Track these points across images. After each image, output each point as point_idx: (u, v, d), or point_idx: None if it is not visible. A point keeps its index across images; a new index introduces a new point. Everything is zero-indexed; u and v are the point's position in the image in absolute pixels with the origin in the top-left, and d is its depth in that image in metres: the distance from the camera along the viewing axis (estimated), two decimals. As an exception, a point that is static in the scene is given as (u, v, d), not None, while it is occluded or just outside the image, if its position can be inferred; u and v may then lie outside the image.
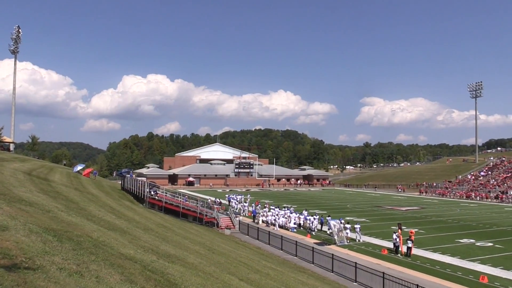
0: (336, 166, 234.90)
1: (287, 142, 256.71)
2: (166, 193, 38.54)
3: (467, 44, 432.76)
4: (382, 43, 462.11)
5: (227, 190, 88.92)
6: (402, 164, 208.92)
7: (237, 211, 47.52)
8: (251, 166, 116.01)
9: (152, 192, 36.24)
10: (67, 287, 5.01)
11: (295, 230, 35.83)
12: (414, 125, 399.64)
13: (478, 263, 24.11)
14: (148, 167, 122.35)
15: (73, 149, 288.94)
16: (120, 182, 47.03)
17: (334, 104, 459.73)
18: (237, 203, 51.87)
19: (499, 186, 78.89)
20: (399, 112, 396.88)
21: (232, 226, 36.72)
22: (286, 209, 42.35)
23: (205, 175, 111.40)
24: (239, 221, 38.24)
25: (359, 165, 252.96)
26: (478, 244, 30.18)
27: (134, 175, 48.53)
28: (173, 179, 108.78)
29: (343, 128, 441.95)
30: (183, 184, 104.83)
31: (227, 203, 52.54)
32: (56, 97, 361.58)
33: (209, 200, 47.19)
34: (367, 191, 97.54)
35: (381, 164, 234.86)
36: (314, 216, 36.72)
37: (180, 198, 38.34)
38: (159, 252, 11.44)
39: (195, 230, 27.95)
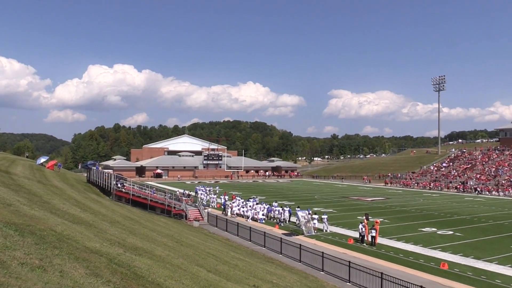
0: (304, 157, 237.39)
1: (256, 134, 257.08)
2: (134, 185, 38.00)
3: (432, 38, 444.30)
4: (350, 36, 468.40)
5: (196, 182, 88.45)
6: (368, 156, 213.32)
7: (205, 203, 47.41)
8: (220, 158, 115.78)
9: (119, 185, 35.66)
10: (29, 282, 4.88)
11: (263, 221, 36.09)
12: (380, 118, 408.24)
13: (439, 250, 25.01)
14: (115, 159, 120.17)
15: (36, 141, 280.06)
16: (85, 175, 46.04)
17: (303, 96, 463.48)
18: (205, 194, 51.72)
19: (459, 176, 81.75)
20: (366, 105, 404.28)
21: (201, 218, 36.63)
22: (253, 200, 42.49)
23: (173, 167, 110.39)
24: (208, 213, 38.18)
25: (326, 156, 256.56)
26: (439, 232, 31.27)
27: (100, 167, 47.53)
28: (140, 171, 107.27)
29: (311, 120, 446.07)
30: (151, 176, 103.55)
31: (199, 195, 52.29)
32: (17, 87, 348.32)
33: (177, 192, 46.84)
34: (334, 182, 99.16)
35: (348, 156, 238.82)
36: (284, 208, 37.03)
37: (148, 190, 37.90)
38: (126, 245, 11.30)
39: (163, 222, 27.73)
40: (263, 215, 37.10)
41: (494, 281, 18.89)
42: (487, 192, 67.41)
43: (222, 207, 42.43)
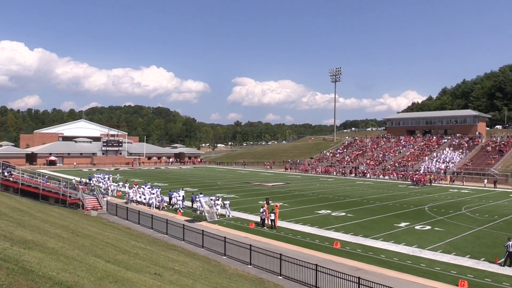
0: (208, 144, 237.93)
1: (159, 120, 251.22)
2: (23, 174, 35.04)
3: (330, 31, 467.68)
4: (253, 25, 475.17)
5: (94, 170, 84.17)
6: (270, 143, 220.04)
7: (104, 191, 45.40)
8: (120, 144, 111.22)
9: (6, 173, 32.68)
10: None
11: (165, 209, 35.59)
12: (282, 106, 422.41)
13: (333, 231, 26.82)
14: (1, 146, 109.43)
15: None
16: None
17: (208, 83, 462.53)
18: (104, 182, 49.50)
19: (352, 162, 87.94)
20: (269, 93, 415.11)
21: (99, 207, 35.02)
22: (148, 186, 41.61)
23: (69, 153, 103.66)
24: (107, 201, 36.61)
25: (230, 143, 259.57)
26: (333, 214, 33.47)
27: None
28: (31, 158, 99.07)
29: (215, 106, 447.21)
30: (44, 164, 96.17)
31: (92, 183, 49.74)
32: None
33: (73, 181, 44.18)
34: (237, 168, 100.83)
35: (251, 143, 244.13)
36: (179, 192, 36.77)
37: (40, 179, 35.21)
38: (14, 238, 10.46)
39: (57, 213, 26.06)
40: (164, 201, 36.57)
41: (379, 256, 20.78)
42: (375, 176, 73.47)
43: (127, 195, 40.84)
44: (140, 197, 38.85)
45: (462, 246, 23.09)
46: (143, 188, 40.50)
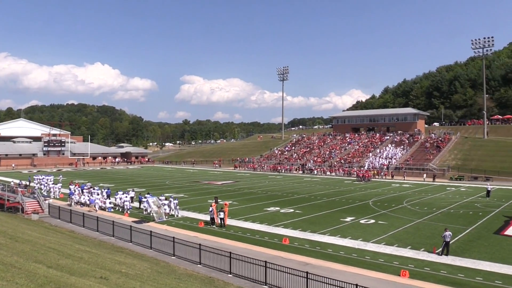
0: (156, 143, 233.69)
1: (104, 119, 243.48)
2: (-46, 177, 32.81)
3: (278, 31, 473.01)
4: (201, 23, 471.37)
5: (35, 171, 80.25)
6: (219, 141, 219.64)
7: (46, 193, 43.43)
8: (63, 144, 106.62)
9: None
10: None
11: (112, 210, 34.61)
12: (231, 104, 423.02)
13: (282, 227, 27.21)
14: None
15: None
16: None
17: (155, 81, 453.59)
18: (45, 184, 47.34)
19: (300, 159, 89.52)
20: (218, 91, 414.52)
21: (41, 210, 33.47)
22: (91, 187, 40.41)
23: (6, 154, 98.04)
24: (49, 204, 35.03)
25: (178, 142, 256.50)
26: (282, 211, 33.94)
27: None
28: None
29: (163, 105, 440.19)
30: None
31: (34, 185, 47.43)
32: None
33: (12, 183, 41.92)
34: (186, 167, 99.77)
35: (199, 141, 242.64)
36: (126, 194, 35.87)
37: (-27, 182, 33.13)
38: None
39: (-7, 217, 24.63)
40: (110, 203, 35.55)
41: (327, 251, 21.34)
42: (322, 173, 75.26)
43: (70, 197, 39.23)
44: (83, 198, 37.49)
45: (403, 238, 24.18)
46: (85, 189, 39.18)
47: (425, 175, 63.84)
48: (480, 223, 28.57)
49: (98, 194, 37.04)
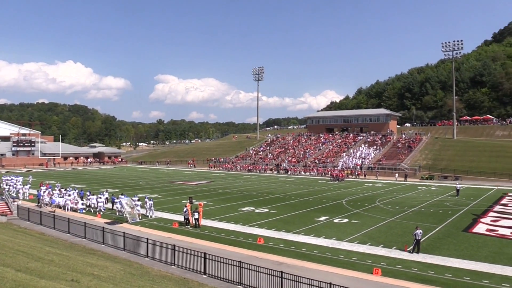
0: (129, 143, 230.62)
1: (76, 118, 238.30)
2: None
3: (253, 30, 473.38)
4: (176, 22, 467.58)
5: (3, 172, 77.94)
6: (194, 141, 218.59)
7: (14, 194, 42.25)
8: (33, 144, 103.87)
9: None
10: None
11: (83, 211, 33.94)
12: (206, 104, 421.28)
13: (257, 227, 27.26)
14: None
15: None
16: None
17: (129, 80, 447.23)
18: (14, 185, 46.00)
19: (275, 159, 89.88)
20: (193, 91, 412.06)
21: (9, 212, 32.52)
22: (76, 190, 39.63)
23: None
24: (18, 206, 34.08)
25: (152, 142, 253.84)
26: (257, 211, 34.01)
27: None
28: None
29: (137, 104, 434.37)
30: None
31: (2, 186, 46.04)
32: None
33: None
34: (160, 167, 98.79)
35: (174, 141, 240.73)
36: (100, 195, 35.27)
37: None
38: None
39: (-42, 220, 23.80)
40: (82, 204, 34.85)
41: (301, 250, 21.50)
42: (297, 172, 75.77)
43: (37, 198, 38.29)
44: (52, 199, 36.62)
45: (376, 236, 24.59)
46: (56, 191, 38.35)
47: (397, 174, 65.08)
48: (449, 221, 29.34)
49: (69, 195, 36.25)
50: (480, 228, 27.01)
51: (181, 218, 29.49)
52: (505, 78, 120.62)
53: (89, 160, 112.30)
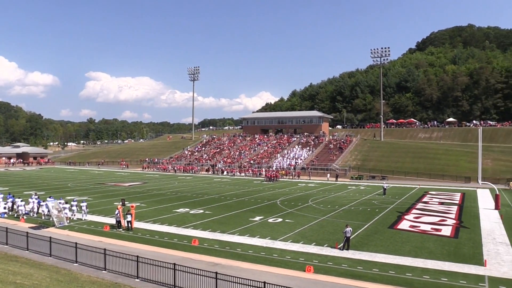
0: (57, 143, 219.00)
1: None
2: None
3: (189, 30, 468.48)
4: (109, 17, 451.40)
5: None
6: (126, 141, 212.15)
7: None
8: None
9: None
10: None
11: (5, 215, 31.79)
12: (140, 103, 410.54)
13: (192, 228, 27.06)
14: None
15: None
16: None
17: (57, 76, 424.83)
18: None
19: (210, 160, 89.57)
20: (126, 89, 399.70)
21: None
22: None
23: None
24: None
25: (82, 141, 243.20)
26: (192, 212, 33.74)
27: None
28: None
29: (66, 102, 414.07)
30: None
31: None
32: None
33: None
34: (91, 168, 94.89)
35: (106, 141, 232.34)
36: (32, 199, 33.27)
37: None
38: None
39: None
40: (4, 208, 32.64)
41: (236, 250, 21.65)
42: (232, 173, 76.04)
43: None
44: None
45: (309, 235, 25.34)
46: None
47: (328, 174, 67.37)
48: (376, 219, 30.90)
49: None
50: (404, 225, 28.72)
51: (112, 221, 28.56)
52: (427, 84, 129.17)
53: (11, 160, 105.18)
